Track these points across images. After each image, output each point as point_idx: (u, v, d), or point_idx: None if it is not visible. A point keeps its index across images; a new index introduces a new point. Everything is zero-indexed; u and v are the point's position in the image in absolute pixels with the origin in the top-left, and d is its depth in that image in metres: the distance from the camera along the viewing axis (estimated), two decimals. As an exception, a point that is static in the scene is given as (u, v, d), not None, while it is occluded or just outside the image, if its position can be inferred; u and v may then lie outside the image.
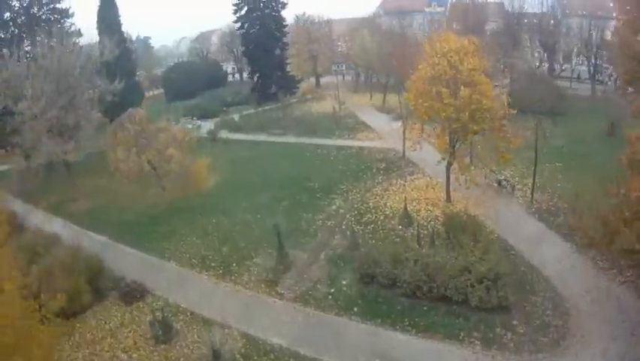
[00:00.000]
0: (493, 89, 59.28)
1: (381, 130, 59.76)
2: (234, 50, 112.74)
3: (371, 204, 39.59)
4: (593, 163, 43.60)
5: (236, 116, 68.65)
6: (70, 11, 72.05)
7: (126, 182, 42.95)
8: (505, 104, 32.85)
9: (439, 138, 35.08)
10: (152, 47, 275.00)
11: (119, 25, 78.64)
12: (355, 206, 39.49)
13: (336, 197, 41.62)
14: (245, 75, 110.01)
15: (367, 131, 60.45)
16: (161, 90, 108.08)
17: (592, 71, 78.57)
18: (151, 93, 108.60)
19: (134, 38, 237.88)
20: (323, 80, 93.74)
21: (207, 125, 70.13)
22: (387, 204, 39.23)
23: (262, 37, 66.73)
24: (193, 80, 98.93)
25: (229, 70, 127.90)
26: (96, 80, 52.67)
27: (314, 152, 54.09)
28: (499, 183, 40.20)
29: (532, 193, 37.93)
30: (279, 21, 72.20)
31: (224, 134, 64.66)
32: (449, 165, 36.59)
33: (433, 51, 32.51)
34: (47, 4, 69.75)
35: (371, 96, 76.00)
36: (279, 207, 40.54)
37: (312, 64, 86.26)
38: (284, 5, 73.42)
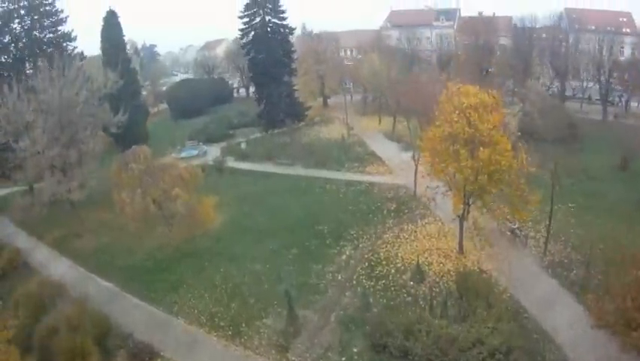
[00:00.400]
0: (505, 116, 59.23)
1: (391, 162, 58.94)
2: (240, 65, 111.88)
3: (382, 254, 38.71)
4: (606, 204, 43.38)
5: (243, 144, 67.68)
6: (73, 34, 71.25)
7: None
8: (524, 161, 31.64)
9: (455, 197, 34.19)
10: (159, 55, 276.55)
11: (124, 45, 78.43)
12: (366, 256, 38.63)
13: (346, 244, 40.80)
14: (251, 91, 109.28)
15: (377, 163, 59.55)
16: (167, 105, 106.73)
17: (604, 96, 77.38)
18: (156, 110, 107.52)
19: (139, 46, 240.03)
20: (331, 99, 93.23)
21: (213, 151, 69.79)
22: (399, 254, 38.39)
23: (270, 65, 65.22)
24: (199, 98, 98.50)
25: (235, 84, 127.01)
26: (99, 112, 52.04)
27: (323, 187, 53.26)
28: (512, 231, 39.35)
29: (545, 244, 37.05)
30: (287, 47, 70.65)
31: (230, 161, 64.05)
32: (462, 218, 35.85)
33: (451, 106, 31.53)
34: (49, 27, 69.01)
35: (380, 120, 75.09)
36: (288, 255, 39.83)
37: (320, 84, 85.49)
38: (292, 30, 72.33)
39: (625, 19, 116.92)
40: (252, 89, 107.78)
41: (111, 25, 76.02)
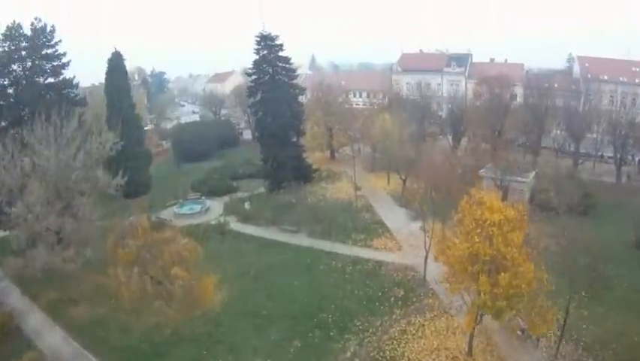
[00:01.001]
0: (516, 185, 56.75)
1: (400, 234, 56.27)
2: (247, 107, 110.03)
3: (388, 352, 36.36)
4: (620, 292, 41.69)
5: (246, 204, 65.12)
6: (75, 81, 69.39)
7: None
8: (545, 280, 29.05)
9: (468, 314, 31.55)
10: (167, 82, 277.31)
11: (128, 89, 76.84)
12: (371, 355, 36.19)
13: (350, 338, 38.48)
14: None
15: (385, 235, 56.72)
16: (171, 146, 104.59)
17: (619, 161, 75.00)
18: (160, 149, 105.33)
19: (148, 72, 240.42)
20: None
21: (216, 206, 67.60)
22: (405, 353, 36.14)
23: (277, 128, 62.27)
24: (203, 142, 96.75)
25: (242, 124, 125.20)
26: (97, 175, 49.74)
27: (328, 264, 50.47)
28: (523, 331, 36.77)
29: (558, 347, 34.78)
30: (297, 108, 67.58)
31: (232, 222, 61.61)
32: (473, 328, 33.27)
33: (472, 220, 28.92)
34: (51, 71, 66.86)
35: (388, 179, 72.58)
36: (289, 347, 37.57)
37: (328, 136, 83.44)
38: (302, 91, 69.72)
39: (638, 69, 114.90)
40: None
41: (116, 68, 74.52)
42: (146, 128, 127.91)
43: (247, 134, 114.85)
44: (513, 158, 74.00)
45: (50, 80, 66.74)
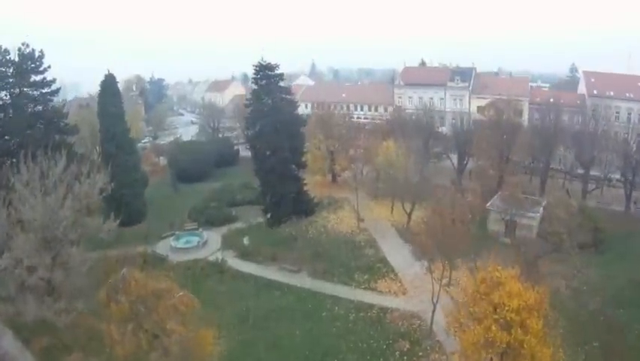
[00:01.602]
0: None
1: (405, 274, 53.86)
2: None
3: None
4: (632, 339, 40.12)
5: (245, 239, 62.73)
6: (65, 110, 66.81)
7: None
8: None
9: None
10: (166, 89, 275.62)
11: (122, 113, 74.32)
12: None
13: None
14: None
15: (389, 276, 54.30)
16: (168, 165, 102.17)
17: (629, 189, 72.89)
18: (156, 168, 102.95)
19: (147, 78, 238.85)
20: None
21: (213, 239, 65.24)
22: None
23: (277, 163, 59.24)
24: (201, 162, 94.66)
25: (241, 139, 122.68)
26: (87, 222, 47.34)
27: (331, 310, 48.15)
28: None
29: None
30: (299, 142, 63.50)
31: (231, 257, 59.34)
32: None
33: (489, 304, 26.58)
34: (39, 99, 63.48)
35: (392, 209, 70.26)
36: None
37: (330, 160, 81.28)
38: (304, 123, 66.61)
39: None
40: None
41: (109, 91, 72.24)
42: (143, 141, 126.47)
43: (245, 150, 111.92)
44: (520, 182, 72.34)
45: (39, 108, 63.42)
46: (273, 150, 56.27)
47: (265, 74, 59.27)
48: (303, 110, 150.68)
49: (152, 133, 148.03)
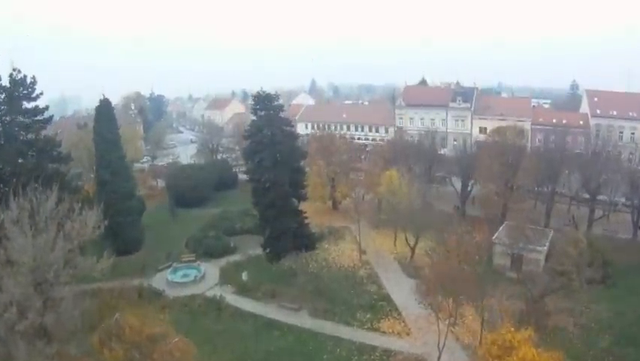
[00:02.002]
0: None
1: (409, 315, 51.71)
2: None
3: None
4: None
5: (244, 274, 60.68)
6: (58, 138, 64.82)
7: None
8: None
9: None
10: (167, 105, 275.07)
11: (118, 139, 72.71)
12: None
13: None
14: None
15: (392, 315, 52.40)
16: (166, 188, 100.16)
17: (636, 217, 71.32)
18: (154, 191, 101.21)
19: (147, 94, 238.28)
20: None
21: (211, 272, 63.28)
22: None
23: (277, 198, 56.66)
24: (200, 187, 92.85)
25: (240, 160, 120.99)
26: (79, 262, 45.45)
27: (332, 353, 46.20)
28: None
29: None
30: (299, 177, 60.97)
31: (229, 293, 57.52)
32: None
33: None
34: (31, 127, 60.34)
35: (395, 239, 68.42)
36: None
37: (330, 188, 79.66)
38: (304, 155, 64.28)
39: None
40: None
41: (104, 117, 70.85)
42: (142, 161, 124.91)
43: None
44: (525, 209, 70.76)
45: (31, 136, 60.57)
46: (273, 184, 54.10)
47: (264, 105, 57.25)
48: (303, 129, 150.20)
49: (151, 152, 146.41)
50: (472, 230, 55.26)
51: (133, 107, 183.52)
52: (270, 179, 54.01)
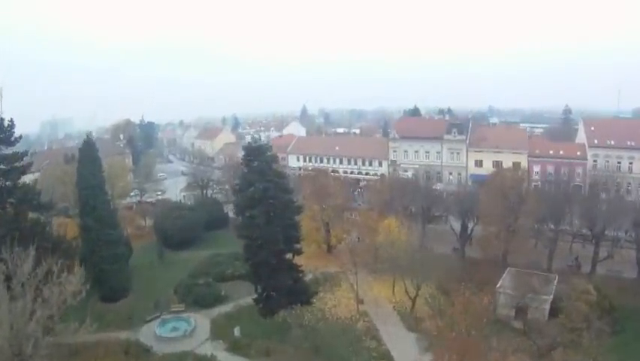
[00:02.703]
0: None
1: (410, 374, 48.90)
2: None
3: None
4: None
5: (236, 330, 57.02)
6: (44, 170, 61.63)
7: None
8: None
9: None
10: (157, 132, 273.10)
11: (102, 183, 70.32)
12: None
13: None
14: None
15: (394, 376, 49.36)
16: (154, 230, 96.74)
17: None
18: (142, 231, 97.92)
19: (137, 121, 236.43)
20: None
21: (202, 325, 59.92)
22: None
23: (270, 255, 52.08)
24: (189, 227, 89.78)
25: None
26: (59, 330, 42.32)
27: None
28: None
29: None
30: (294, 233, 56.42)
31: (220, 350, 53.97)
32: None
33: None
34: (8, 175, 55.97)
35: (394, 287, 65.49)
36: None
37: (325, 232, 77.09)
38: (300, 210, 59.84)
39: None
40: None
41: (88, 159, 68.17)
42: (131, 194, 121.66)
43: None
44: (527, 250, 68.52)
45: (9, 183, 56.20)
46: (266, 241, 50.43)
47: (256, 156, 53.43)
48: (294, 162, 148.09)
49: (140, 185, 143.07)
50: (478, 291, 52.43)
51: (122, 137, 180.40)
52: (262, 236, 50.27)
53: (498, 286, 60.93)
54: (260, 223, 48.29)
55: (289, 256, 56.97)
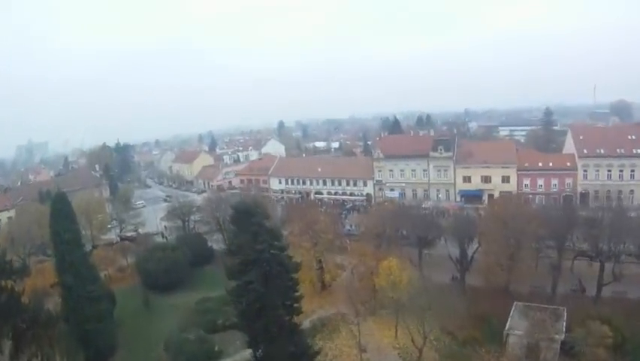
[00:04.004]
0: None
1: None
2: (220, 219, 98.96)
3: None
4: None
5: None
6: (18, 206, 57.62)
7: None
8: None
9: None
10: (133, 153, 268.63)
11: (79, 237, 66.06)
12: None
13: None
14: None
15: None
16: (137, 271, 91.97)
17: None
18: (123, 273, 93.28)
19: (113, 145, 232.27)
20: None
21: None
22: None
23: (270, 322, 46.71)
24: (173, 268, 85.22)
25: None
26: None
27: None
28: None
29: None
30: (292, 291, 50.94)
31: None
32: None
33: None
34: None
35: (396, 330, 61.89)
36: None
37: (318, 270, 73.64)
38: (298, 266, 53.42)
39: (634, 137, 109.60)
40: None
41: (61, 213, 63.64)
42: (109, 226, 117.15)
43: (219, 243, 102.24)
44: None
45: None
46: (264, 306, 45.92)
47: (247, 218, 48.46)
48: (276, 184, 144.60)
49: (118, 215, 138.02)
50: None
51: (97, 168, 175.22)
52: (259, 301, 45.66)
53: (507, 328, 58.02)
54: (257, 288, 44.20)
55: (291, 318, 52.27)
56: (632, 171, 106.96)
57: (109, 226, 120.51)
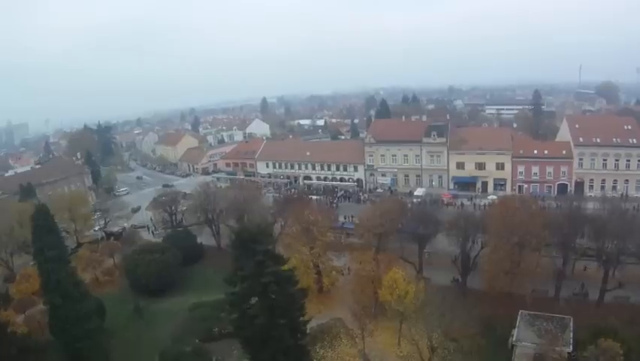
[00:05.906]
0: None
1: None
2: (209, 213, 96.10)
3: None
4: None
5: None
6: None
7: None
8: None
9: None
10: (115, 132, 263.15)
11: (64, 255, 63.12)
12: None
13: None
14: (224, 243, 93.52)
15: None
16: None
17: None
18: (111, 276, 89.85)
19: (94, 127, 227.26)
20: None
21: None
22: None
23: (279, 354, 44.15)
24: (164, 271, 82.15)
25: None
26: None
27: None
28: None
29: None
30: (299, 320, 48.01)
31: None
32: None
33: None
34: None
35: (399, 341, 59.97)
36: None
37: (315, 274, 71.39)
38: (305, 293, 50.96)
39: (630, 127, 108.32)
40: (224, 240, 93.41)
41: (43, 228, 60.08)
42: (95, 228, 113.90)
43: (208, 238, 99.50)
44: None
45: None
46: (270, 338, 43.10)
47: (251, 246, 45.01)
48: (263, 168, 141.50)
49: (102, 205, 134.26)
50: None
51: (79, 156, 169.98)
52: (265, 333, 42.74)
53: (514, 339, 56.47)
54: (261, 322, 41.52)
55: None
56: (628, 160, 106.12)
57: (93, 218, 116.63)
